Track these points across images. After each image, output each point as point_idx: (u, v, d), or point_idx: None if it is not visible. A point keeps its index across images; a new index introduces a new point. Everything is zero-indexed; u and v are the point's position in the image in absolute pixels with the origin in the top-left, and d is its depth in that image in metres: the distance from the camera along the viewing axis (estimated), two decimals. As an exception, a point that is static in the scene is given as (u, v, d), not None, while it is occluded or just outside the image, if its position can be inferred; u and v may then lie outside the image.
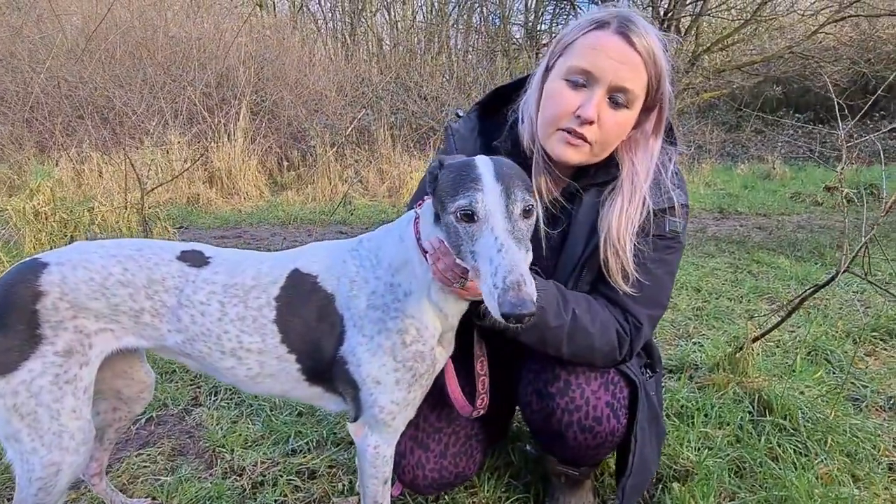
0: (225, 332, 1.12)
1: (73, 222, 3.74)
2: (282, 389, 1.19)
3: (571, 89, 1.12)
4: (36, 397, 1.06)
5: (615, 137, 1.16)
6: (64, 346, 1.08)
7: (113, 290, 1.10)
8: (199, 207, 6.47)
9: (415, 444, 1.37)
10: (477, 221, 0.89)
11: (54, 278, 1.08)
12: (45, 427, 1.08)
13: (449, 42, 13.08)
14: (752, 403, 1.93)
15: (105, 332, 1.13)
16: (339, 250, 1.17)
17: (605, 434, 1.22)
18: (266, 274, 1.14)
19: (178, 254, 1.16)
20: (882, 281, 3.54)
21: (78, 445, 1.12)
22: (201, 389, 2.25)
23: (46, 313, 1.07)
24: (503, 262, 0.83)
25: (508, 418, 1.70)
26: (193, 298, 1.12)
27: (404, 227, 1.13)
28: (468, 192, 0.90)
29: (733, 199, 7.38)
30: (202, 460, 1.80)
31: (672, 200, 1.20)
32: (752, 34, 13.45)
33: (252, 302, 1.12)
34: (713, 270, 3.93)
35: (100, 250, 1.14)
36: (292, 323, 1.12)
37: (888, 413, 2.01)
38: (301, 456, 1.79)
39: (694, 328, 2.84)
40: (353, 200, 6.62)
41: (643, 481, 1.31)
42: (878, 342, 2.59)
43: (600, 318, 1.17)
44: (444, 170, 0.97)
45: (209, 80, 8.10)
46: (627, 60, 1.09)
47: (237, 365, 1.14)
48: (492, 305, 0.82)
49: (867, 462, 1.67)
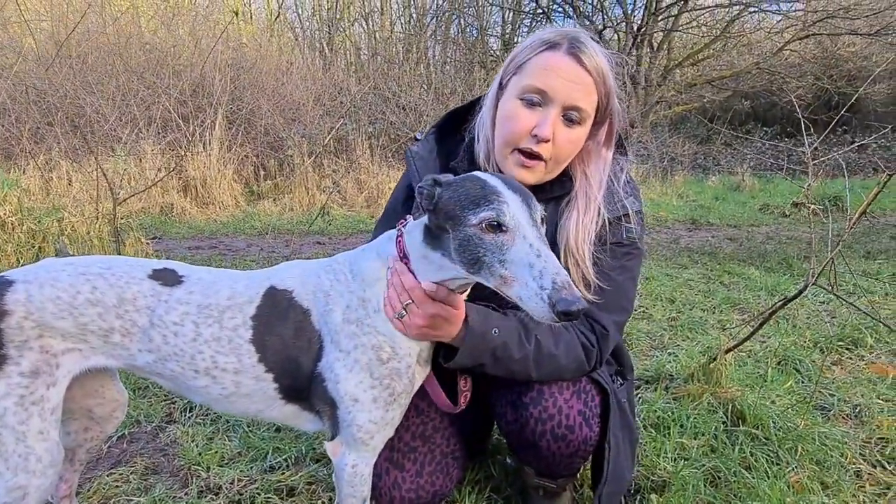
0: (199, 353, 1.10)
1: (41, 233, 3.63)
2: (256, 409, 1.17)
3: (527, 108, 1.16)
4: (0, 419, 1.03)
5: (568, 154, 1.21)
6: (29, 366, 1.05)
7: (81, 309, 1.07)
8: (172, 217, 6.36)
9: (390, 465, 1.37)
10: (507, 231, 0.91)
11: (19, 297, 1.05)
12: (10, 450, 1.05)
13: (427, 53, 13.18)
14: (725, 413, 1.97)
15: (73, 351, 1.10)
16: (314, 266, 1.16)
17: (578, 442, 1.24)
18: (241, 293, 1.13)
19: (150, 272, 1.14)
20: (846, 291, 3.67)
21: (45, 468, 1.08)
22: (175, 405, 2.20)
23: (11, 332, 1.03)
24: (546, 265, 0.86)
25: (487, 433, 1.70)
26: (166, 319, 1.09)
27: (384, 243, 1.13)
28: (491, 204, 0.92)
29: (705, 210, 7.57)
30: (177, 479, 1.75)
31: (626, 208, 1.26)
32: (721, 50, 13.89)
33: (227, 322, 1.10)
34: (686, 281, 4.02)
35: (68, 268, 1.11)
36: (270, 342, 1.11)
37: (854, 421, 2.08)
38: (279, 473, 1.76)
39: (669, 339, 2.89)
40: (331, 211, 6.57)
41: (619, 489, 1.33)
42: (843, 351, 2.68)
43: (564, 339, 1.19)
44: (445, 188, 0.98)
45: (184, 88, 7.99)
46: (579, 80, 1.14)
47: (211, 384, 1.12)
48: (540, 306, 0.84)
49: (835, 469, 1.72)
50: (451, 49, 14.03)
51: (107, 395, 1.33)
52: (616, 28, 13.01)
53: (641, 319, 3.19)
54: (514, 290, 0.89)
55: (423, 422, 1.40)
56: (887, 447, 1.87)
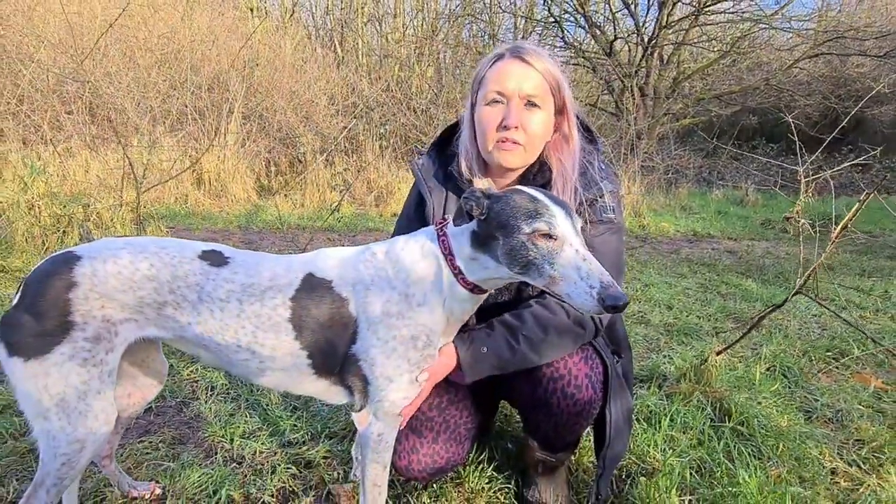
0: (242, 328, 1.22)
1: (66, 217, 3.78)
2: (291, 383, 1.30)
3: (493, 108, 1.38)
4: (65, 379, 1.15)
5: (539, 136, 1.40)
6: (93, 332, 1.17)
7: (139, 283, 1.20)
8: (186, 208, 6.51)
9: (409, 432, 1.52)
10: (556, 240, 1.07)
11: (86, 270, 1.17)
12: (73, 406, 1.16)
13: (438, 56, 13.32)
14: (713, 411, 2.10)
15: (130, 321, 1.22)
16: (352, 257, 1.29)
17: (584, 402, 1.39)
18: (282, 276, 1.25)
19: (200, 253, 1.26)
20: (839, 306, 3.80)
21: (101, 425, 1.20)
22: (198, 384, 2.34)
23: (78, 302, 1.15)
24: (592, 268, 1.03)
25: (492, 414, 1.85)
26: (213, 295, 1.22)
27: (427, 242, 1.25)
28: (542, 216, 1.08)
29: (707, 223, 7.69)
30: (202, 449, 1.90)
31: (601, 190, 1.43)
32: (731, 65, 14.01)
33: (268, 301, 1.22)
34: (685, 290, 4.15)
35: (128, 247, 1.23)
36: (306, 322, 1.23)
37: (835, 424, 2.21)
38: (297, 447, 1.90)
39: (665, 342, 3.03)
40: (341, 208, 6.73)
41: (619, 453, 1.48)
42: (830, 360, 2.80)
43: (553, 325, 1.35)
44: (495, 200, 1.13)
45: (201, 83, 8.16)
46: (527, 75, 1.36)
47: (251, 358, 1.24)
48: (588, 301, 1.01)
49: (813, 466, 1.86)
50: (463, 53, 14.18)
51: (151, 364, 1.47)
52: (627, 39, 13.14)
53: (639, 324, 3.32)
54: (562, 288, 1.06)
55: (439, 395, 1.54)
56: (863, 448, 2.00)
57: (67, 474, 1.21)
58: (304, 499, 1.63)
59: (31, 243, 3.65)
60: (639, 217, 7.35)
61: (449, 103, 9.84)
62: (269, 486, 1.68)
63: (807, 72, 14.46)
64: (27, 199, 3.61)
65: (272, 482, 1.70)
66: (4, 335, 1.14)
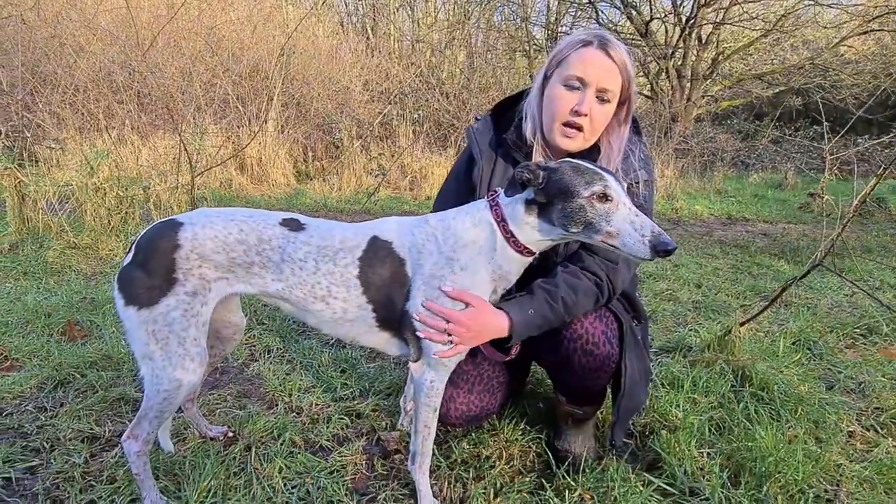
0: (318, 283, 1.41)
1: (127, 199, 4.09)
2: (357, 333, 1.48)
3: (569, 91, 1.49)
4: (169, 326, 1.35)
5: (601, 125, 1.53)
6: (192, 288, 1.37)
7: (232, 246, 1.39)
8: (231, 192, 6.84)
9: (448, 384, 1.68)
10: (612, 201, 1.25)
11: (188, 234, 1.38)
12: (174, 350, 1.37)
13: (470, 40, 13.33)
14: (735, 377, 2.22)
15: (222, 279, 1.42)
16: (409, 223, 1.47)
17: (602, 357, 1.54)
18: (350, 239, 1.43)
19: (280, 220, 1.45)
20: (873, 287, 3.80)
21: (196, 367, 1.41)
22: (256, 348, 2.59)
23: (181, 261, 1.36)
24: (644, 222, 1.23)
25: (524, 375, 2.02)
26: (294, 256, 1.41)
27: (479, 212, 1.41)
28: (599, 181, 1.26)
29: (742, 206, 7.60)
30: (264, 402, 2.13)
31: (637, 178, 1.57)
32: (773, 44, 13.57)
33: (340, 261, 1.41)
34: (715, 269, 4.21)
35: (221, 215, 1.43)
36: (372, 279, 1.41)
37: (856, 395, 2.29)
38: (348, 401, 2.11)
39: (692, 318, 3.13)
40: (377, 192, 6.95)
41: (635, 405, 1.62)
42: (858, 337, 2.86)
43: (581, 287, 1.50)
44: (552, 171, 1.30)
45: (241, 71, 8.46)
46: (608, 68, 1.47)
47: (325, 308, 1.43)
48: (643, 249, 1.21)
49: (831, 429, 1.96)
50: (494, 37, 14.14)
51: (232, 319, 1.69)
52: (663, 20, 12.88)
53: (668, 301, 3.42)
54: (619, 241, 1.24)
55: (474, 352, 1.71)
56: (882, 415, 2.09)
57: (167, 409, 1.42)
58: (356, 443, 1.84)
59: (98, 223, 3.98)
60: (672, 200, 7.34)
61: (481, 88, 9.92)
62: (325, 432, 1.89)
63: (855, 50, 13.88)
64: (93, 182, 3.92)
65: (328, 429, 1.91)
66: (122, 287, 1.36)
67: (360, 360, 2.46)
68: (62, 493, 1.56)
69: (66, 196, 4.17)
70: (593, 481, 1.62)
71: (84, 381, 2.15)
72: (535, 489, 1.64)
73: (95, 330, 2.64)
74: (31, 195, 3.95)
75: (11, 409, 1.96)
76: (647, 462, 1.77)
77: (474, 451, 1.80)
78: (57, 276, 3.44)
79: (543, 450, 1.81)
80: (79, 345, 2.47)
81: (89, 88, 7.67)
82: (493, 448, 1.81)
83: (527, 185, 1.32)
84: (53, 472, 1.63)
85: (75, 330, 2.61)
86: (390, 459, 1.78)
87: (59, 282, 3.34)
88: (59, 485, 1.59)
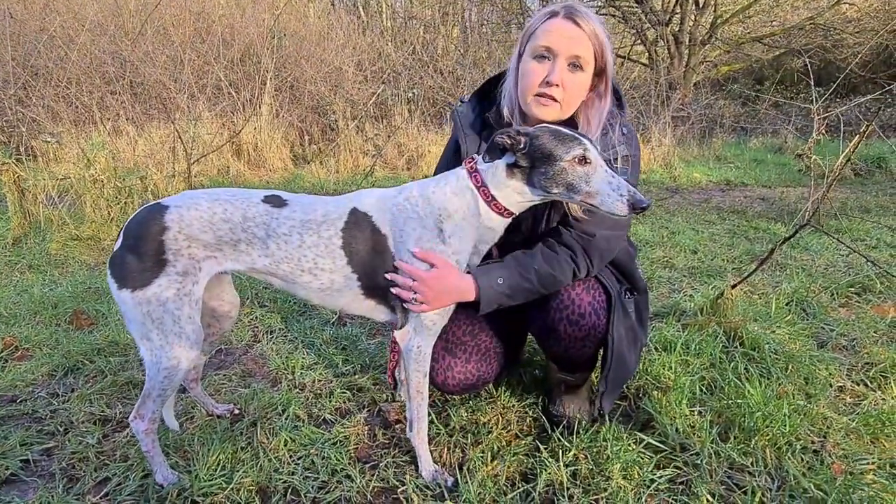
0: (304, 256, 1.45)
1: (126, 189, 4.12)
2: (345, 302, 1.53)
3: (539, 63, 1.50)
4: (163, 306, 1.40)
5: (577, 96, 1.53)
6: (182, 268, 1.42)
7: (217, 225, 1.43)
8: (229, 178, 6.85)
9: (445, 352, 1.76)
10: (591, 163, 1.32)
11: (174, 216, 1.41)
12: (169, 329, 1.42)
13: (463, 15, 13.11)
14: (727, 339, 2.26)
15: (210, 258, 1.46)
16: (389, 195, 1.50)
17: (588, 327, 1.58)
18: (332, 212, 1.47)
19: (262, 197, 1.49)
20: (868, 246, 3.82)
21: (192, 343, 1.46)
22: (259, 330, 2.64)
23: (169, 243, 1.40)
24: (620, 182, 1.31)
25: (520, 344, 2.06)
26: (278, 231, 1.45)
27: (457, 180, 1.45)
28: (578, 145, 1.32)
29: (741, 172, 7.57)
30: (268, 380, 2.19)
31: (616, 153, 1.58)
32: (773, 5, 13.30)
33: (324, 233, 1.45)
34: (712, 236, 4.23)
35: (205, 196, 1.47)
36: (354, 249, 1.46)
37: (848, 351, 2.34)
38: (350, 376, 2.17)
39: (687, 284, 3.16)
40: (374, 172, 6.94)
41: (622, 376, 1.67)
42: (852, 296, 2.89)
43: (556, 260, 1.53)
44: (533, 137, 1.34)
45: (233, 56, 8.40)
46: (576, 36, 1.47)
47: (313, 280, 1.48)
48: (620, 206, 1.29)
49: (820, 384, 2.01)
50: (488, 11, 13.89)
51: (225, 297, 1.74)
52: None
53: (664, 268, 3.46)
54: (597, 200, 1.31)
55: (471, 322, 1.78)
56: (872, 369, 2.13)
57: (168, 386, 1.48)
58: (358, 415, 1.90)
59: (98, 214, 4.02)
60: (669, 168, 7.31)
61: (476, 63, 9.80)
62: (328, 406, 1.96)
63: (857, 7, 13.60)
64: (91, 174, 3.95)
65: (331, 403, 1.97)
66: (114, 272, 1.40)
67: (361, 337, 2.52)
68: (78, 472, 1.63)
69: (66, 189, 4.20)
70: (587, 442, 1.68)
71: (93, 366, 2.22)
72: (531, 452, 1.70)
73: (101, 318, 2.70)
74: (30, 189, 3.98)
75: (25, 396, 2.03)
76: (640, 423, 1.82)
77: (472, 417, 1.86)
78: (61, 267, 3.50)
79: (539, 415, 1.87)
80: (86, 333, 2.54)
81: (82, 81, 7.65)
82: (491, 415, 1.87)
83: (507, 150, 1.35)
84: (69, 453, 1.70)
85: (82, 319, 2.67)
86: (391, 429, 1.85)
87: (64, 273, 3.40)
88: (75, 464, 1.66)
